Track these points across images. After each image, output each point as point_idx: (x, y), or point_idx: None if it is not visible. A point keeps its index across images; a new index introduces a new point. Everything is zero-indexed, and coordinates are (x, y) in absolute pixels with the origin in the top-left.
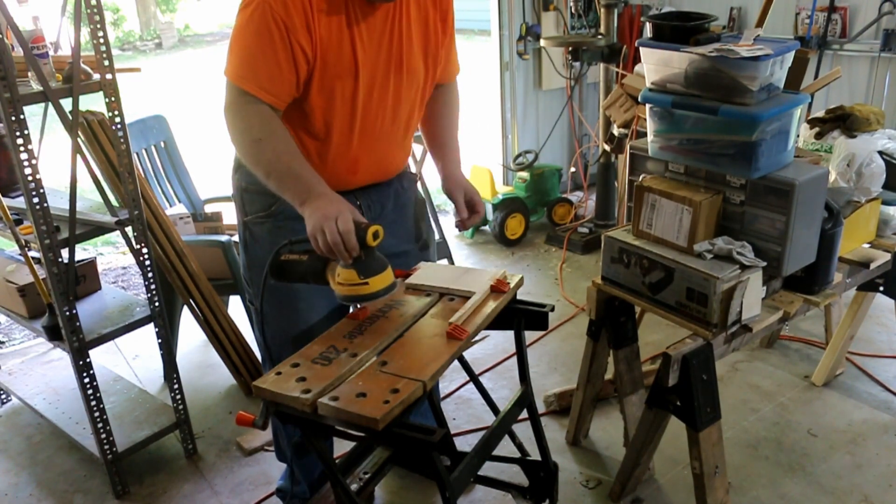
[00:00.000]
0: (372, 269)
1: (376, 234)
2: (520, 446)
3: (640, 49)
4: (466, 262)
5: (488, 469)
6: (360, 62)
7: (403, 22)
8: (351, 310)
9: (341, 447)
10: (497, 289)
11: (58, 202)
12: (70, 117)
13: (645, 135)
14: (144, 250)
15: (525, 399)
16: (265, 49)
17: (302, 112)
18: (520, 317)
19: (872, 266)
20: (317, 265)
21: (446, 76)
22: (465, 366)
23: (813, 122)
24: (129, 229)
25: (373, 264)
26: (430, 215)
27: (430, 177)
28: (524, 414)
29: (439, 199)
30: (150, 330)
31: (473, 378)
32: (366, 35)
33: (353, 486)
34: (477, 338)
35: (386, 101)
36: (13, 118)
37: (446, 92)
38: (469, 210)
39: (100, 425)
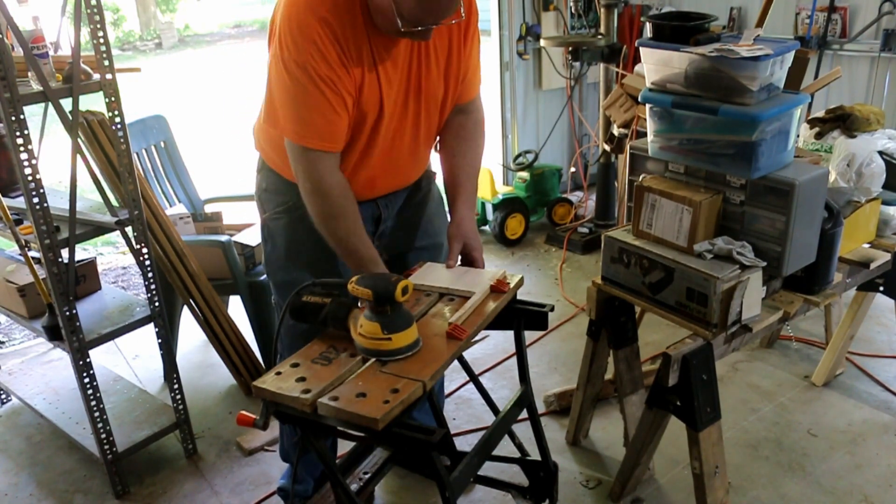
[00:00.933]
0: (396, 325)
1: (405, 290)
2: (519, 446)
3: (640, 49)
4: None
5: (488, 469)
6: (384, 97)
7: (423, 47)
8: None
9: (343, 447)
10: (497, 289)
11: (58, 202)
12: (70, 117)
13: (645, 135)
14: (144, 250)
15: (525, 399)
16: (320, 106)
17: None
18: (520, 317)
19: (872, 266)
20: (339, 311)
21: (466, 93)
22: (465, 366)
23: (813, 122)
24: (129, 229)
25: (398, 320)
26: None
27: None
28: (524, 414)
29: None
30: (150, 330)
31: (473, 378)
32: (391, 69)
33: (353, 486)
34: (477, 338)
35: (405, 125)
36: (13, 118)
37: (467, 121)
38: (464, 263)
39: (100, 425)
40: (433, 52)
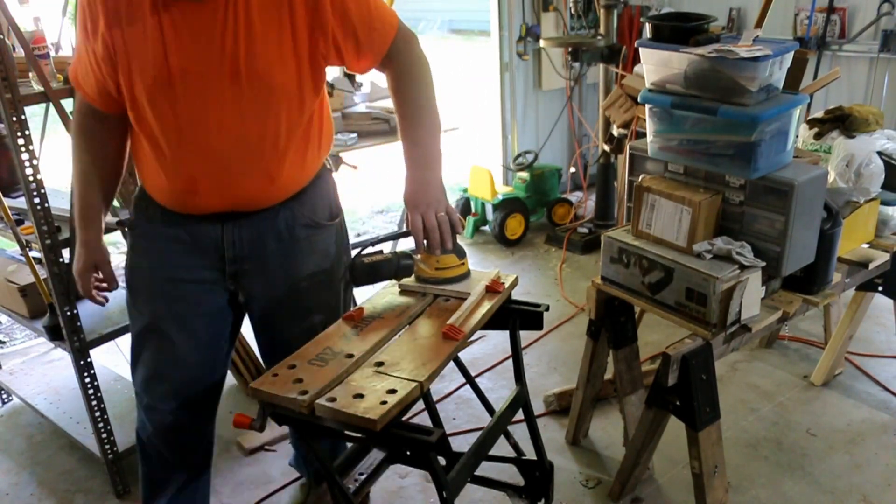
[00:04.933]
0: (462, 252)
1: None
2: (514, 445)
3: (640, 50)
4: None
5: (488, 469)
6: (172, 66)
7: (240, 20)
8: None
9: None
10: (492, 289)
11: (59, 202)
12: (71, 118)
13: (644, 135)
14: None
15: (521, 399)
16: (81, 38)
17: (135, 116)
18: (514, 317)
19: (871, 266)
20: (405, 260)
21: (378, 44)
22: (461, 367)
23: (812, 123)
24: None
25: (461, 249)
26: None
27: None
28: (522, 414)
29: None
30: None
31: (469, 379)
32: (185, 35)
33: (350, 488)
34: (473, 338)
35: (221, 114)
36: (14, 118)
37: (395, 63)
38: (426, 239)
39: (100, 425)
40: (256, 26)
